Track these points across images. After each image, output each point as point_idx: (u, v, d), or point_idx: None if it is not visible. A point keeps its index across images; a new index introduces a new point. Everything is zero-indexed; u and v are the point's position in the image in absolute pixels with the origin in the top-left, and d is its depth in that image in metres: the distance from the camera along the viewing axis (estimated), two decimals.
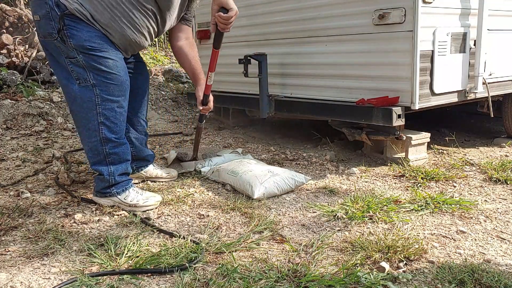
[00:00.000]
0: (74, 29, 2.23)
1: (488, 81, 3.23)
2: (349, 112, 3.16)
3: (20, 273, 1.77)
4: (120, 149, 2.42)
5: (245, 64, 3.57)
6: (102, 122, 2.34)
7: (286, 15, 3.62)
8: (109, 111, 2.34)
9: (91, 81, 2.30)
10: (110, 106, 2.34)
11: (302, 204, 2.49)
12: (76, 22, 2.23)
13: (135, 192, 2.46)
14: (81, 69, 2.29)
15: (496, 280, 1.63)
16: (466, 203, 2.42)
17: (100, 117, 2.33)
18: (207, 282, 1.67)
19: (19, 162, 3.34)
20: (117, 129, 2.39)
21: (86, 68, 2.28)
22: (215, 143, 4.00)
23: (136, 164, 2.79)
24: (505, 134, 3.87)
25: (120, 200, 2.42)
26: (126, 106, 2.43)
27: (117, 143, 2.40)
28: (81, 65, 2.29)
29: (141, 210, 2.41)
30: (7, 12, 5.87)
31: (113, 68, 2.32)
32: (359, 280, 1.66)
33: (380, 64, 3.03)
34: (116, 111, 2.36)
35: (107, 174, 2.40)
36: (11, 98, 4.76)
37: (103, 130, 2.35)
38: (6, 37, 5.66)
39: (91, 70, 2.29)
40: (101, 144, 2.37)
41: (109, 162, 2.40)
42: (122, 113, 2.39)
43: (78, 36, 2.24)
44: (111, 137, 2.37)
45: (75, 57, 2.27)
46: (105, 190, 2.43)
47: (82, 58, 2.27)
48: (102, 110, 2.33)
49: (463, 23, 3.09)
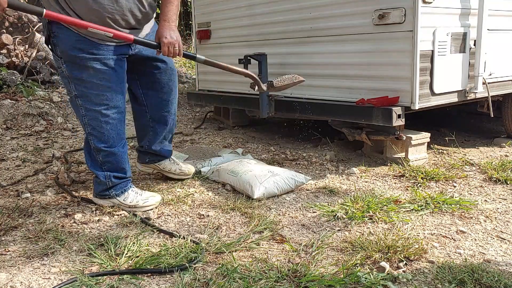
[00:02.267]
0: (59, 36, 2.21)
1: (488, 81, 3.23)
2: (349, 112, 3.15)
3: (20, 273, 1.77)
4: (113, 158, 2.39)
5: (245, 64, 3.57)
6: (90, 132, 2.34)
7: (286, 15, 3.62)
8: (93, 120, 2.32)
9: (73, 92, 2.29)
10: (94, 116, 2.31)
11: (302, 204, 2.49)
12: (60, 29, 2.20)
13: (134, 193, 2.45)
14: (65, 79, 2.30)
15: (496, 280, 1.63)
16: (466, 203, 2.42)
17: (87, 127, 2.34)
18: (207, 282, 1.67)
19: (19, 162, 3.34)
20: (105, 138, 2.34)
21: (69, 78, 2.28)
22: (215, 143, 4.00)
23: (150, 158, 2.78)
24: (505, 134, 3.87)
25: (120, 201, 2.42)
26: (116, 113, 2.35)
27: (108, 152, 2.37)
28: (65, 76, 2.29)
29: (141, 210, 2.41)
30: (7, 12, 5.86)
31: (93, 77, 2.25)
32: (359, 280, 1.66)
33: (380, 64, 3.03)
34: (100, 120, 2.31)
35: (103, 177, 2.40)
36: (11, 98, 4.76)
37: (92, 140, 2.35)
38: (6, 37, 5.66)
39: (72, 81, 2.27)
40: (95, 153, 2.38)
41: (104, 169, 2.40)
42: (108, 122, 2.33)
43: (63, 43, 2.21)
44: (100, 147, 2.35)
45: (60, 67, 2.28)
46: (103, 193, 2.43)
47: (65, 68, 2.26)
48: (88, 121, 2.32)
49: (463, 23, 3.08)
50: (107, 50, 2.27)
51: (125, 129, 2.46)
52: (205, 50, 4.60)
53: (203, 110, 5.47)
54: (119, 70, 2.34)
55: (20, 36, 5.90)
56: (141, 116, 2.67)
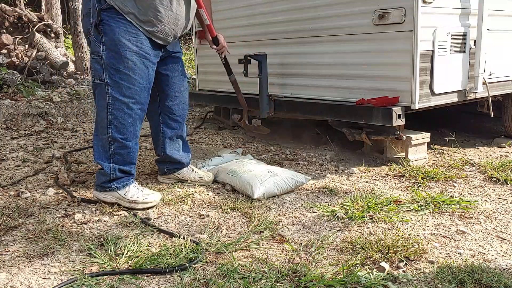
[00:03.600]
0: (109, 24, 2.29)
1: (488, 81, 3.23)
2: (349, 112, 3.15)
3: (20, 273, 1.77)
4: (125, 151, 2.44)
5: (245, 64, 3.57)
6: (111, 121, 2.38)
7: (286, 15, 3.62)
8: (118, 111, 2.37)
9: (105, 79, 2.34)
10: (120, 107, 2.37)
11: (302, 204, 2.49)
12: (112, 18, 2.29)
13: (136, 189, 2.46)
14: (99, 66, 2.35)
15: (496, 280, 1.63)
16: (466, 203, 2.42)
17: (110, 116, 2.38)
18: (207, 282, 1.67)
19: (19, 162, 3.34)
20: (124, 130, 2.40)
21: (104, 66, 2.33)
22: (215, 143, 4.00)
23: (168, 167, 2.81)
24: (505, 134, 3.87)
25: (120, 195, 2.43)
26: (140, 109, 2.43)
27: (123, 145, 2.42)
28: (100, 62, 2.33)
29: (140, 207, 2.41)
30: (7, 12, 5.87)
31: (131, 69, 2.34)
32: (359, 280, 1.66)
33: (380, 64, 3.03)
34: (125, 112, 2.38)
35: (108, 168, 2.42)
36: (11, 98, 4.76)
37: (111, 129, 2.39)
38: (6, 37, 5.66)
39: (107, 69, 2.33)
40: (108, 143, 2.41)
41: (112, 161, 2.43)
42: (131, 115, 2.40)
43: (111, 31, 2.29)
44: (117, 137, 2.39)
45: (99, 53, 2.33)
46: (105, 184, 2.44)
47: (105, 55, 2.32)
48: (112, 110, 2.37)
49: (463, 23, 3.09)
50: (149, 48, 2.39)
51: (140, 128, 2.51)
52: (205, 50, 4.60)
53: (203, 110, 5.47)
54: (151, 70, 2.45)
55: (20, 36, 5.90)
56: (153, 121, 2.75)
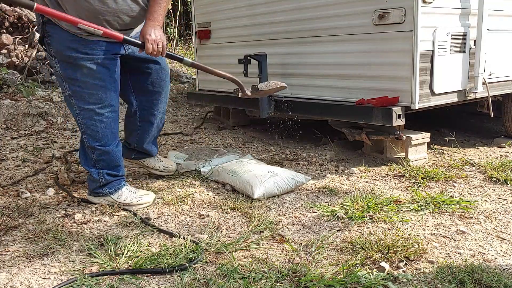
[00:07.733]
0: (53, 36, 2.22)
1: (488, 81, 3.23)
2: (349, 112, 3.15)
3: (20, 273, 1.77)
4: (107, 157, 2.40)
5: (245, 64, 3.57)
6: (84, 131, 2.36)
7: (286, 15, 3.62)
8: (87, 119, 2.33)
9: (67, 91, 2.31)
10: (88, 115, 2.32)
11: (302, 204, 2.49)
12: (54, 28, 2.21)
13: (128, 191, 2.46)
14: (59, 79, 2.32)
15: (496, 280, 1.63)
16: (466, 203, 2.42)
17: (82, 126, 2.36)
18: (207, 282, 1.67)
19: (19, 162, 3.34)
20: (99, 136, 2.35)
21: (62, 78, 2.29)
22: (215, 143, 4.00)
23: (136, 155, 2.83)
24: (505, 134, 3.86)
25: (114, 199, 2.43)
26: (110, 111, 2.35)
27: (102, 151, 2.38)
28: (59, 75, 2.30)
29: (135, 209, 2.41)
30: (7, 12, 5.86)
31: (89, 76, 2.26)
32: (359, 280, 1.66)
33: (380, 64, 3.03)
34: (94, 119, 2.33)
35: (96, 174, 2.41)
36: (11, 98, 4.75)
37: (87, 139, 2.37)
38: (6, 37, 5.66)
39: (66, 80, 2.28)
40: (89, 151, 2.40)
41: (98, 167, 2.41)
42: (102, 120, 2.34)
43: (57, 43, 2.22)
44: (94, 145, 2.36)
45: (54, 66, 2.29)
46: (97, 190, 2.44)
47: (59, 68, 2.27)
48: (82, 120, 2.34)
49: (463, 23, 3.08)
50: (100, 49, 2.27)
51: (118, 127, 2.46)
52: (205, 50, 4.61)
53: (203, 110, 5.47)
54: (112, 69, 2.35)
55: (20, 36, 5.89)
56: (130, 114, 2.71)
